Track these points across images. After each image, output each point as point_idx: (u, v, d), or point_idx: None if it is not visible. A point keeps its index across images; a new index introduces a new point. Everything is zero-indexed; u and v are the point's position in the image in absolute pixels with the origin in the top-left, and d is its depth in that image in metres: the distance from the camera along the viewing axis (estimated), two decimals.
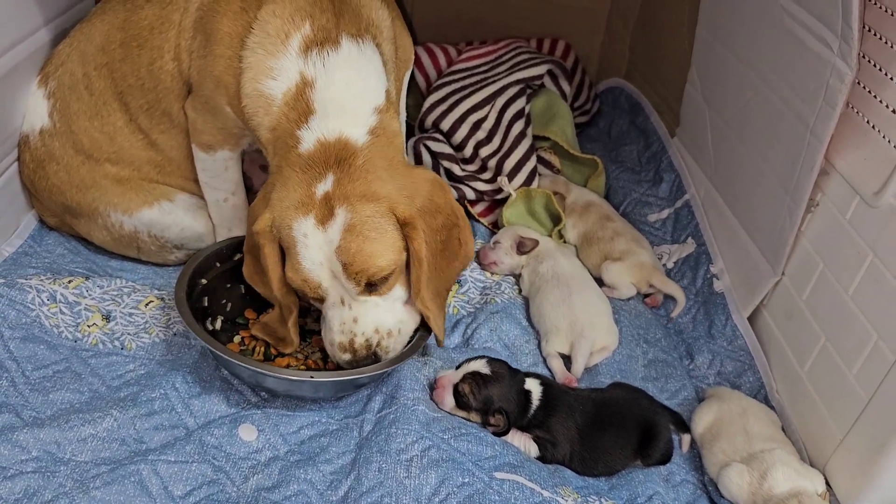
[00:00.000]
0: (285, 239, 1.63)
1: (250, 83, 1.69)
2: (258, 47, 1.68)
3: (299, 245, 1.61)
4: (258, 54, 1.68)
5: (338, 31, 1.69)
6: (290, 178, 1.63)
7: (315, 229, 1.59)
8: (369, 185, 1.61)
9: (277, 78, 1.68)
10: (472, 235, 1.81)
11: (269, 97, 1.68)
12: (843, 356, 1.66)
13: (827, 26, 1.68)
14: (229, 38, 1.72)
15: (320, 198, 1.60)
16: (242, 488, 1.51)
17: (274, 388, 1.67)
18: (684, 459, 1.77)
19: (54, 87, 1.97)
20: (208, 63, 1.75)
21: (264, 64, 1.68)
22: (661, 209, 2.45)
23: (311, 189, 1.60)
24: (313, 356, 1.84)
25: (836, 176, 1.74)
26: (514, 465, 1.59)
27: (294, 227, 1.61)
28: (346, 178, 1.61)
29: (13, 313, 1.75)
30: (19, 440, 1.50)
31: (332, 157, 1.62)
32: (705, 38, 2.35)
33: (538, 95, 2.71)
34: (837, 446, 1.63)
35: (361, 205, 1.60)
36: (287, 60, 1.67)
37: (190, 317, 1.65)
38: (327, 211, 1.59)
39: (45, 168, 1.99)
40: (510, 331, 2.00)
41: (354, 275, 1.61)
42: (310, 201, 1.60)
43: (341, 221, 1.59)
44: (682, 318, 2.14)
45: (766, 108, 1.96)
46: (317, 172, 1.62)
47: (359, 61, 1.71)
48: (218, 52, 1.73)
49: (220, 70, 1.73)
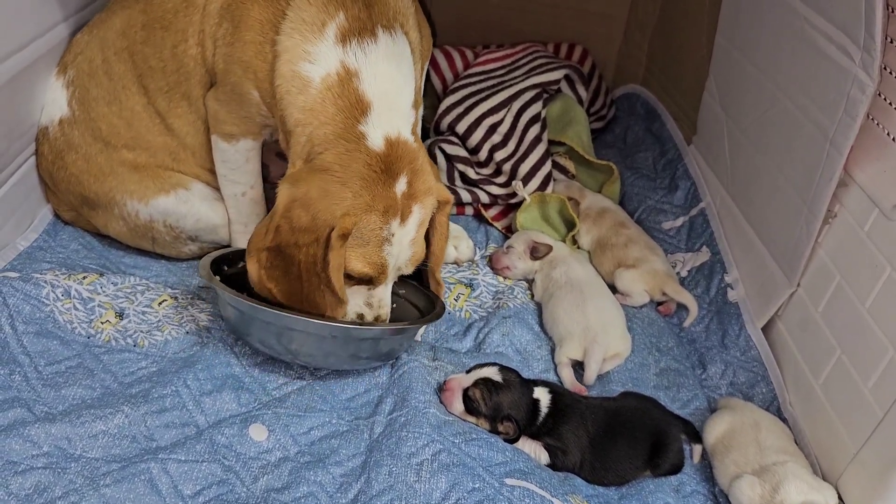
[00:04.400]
0: (364, 238, 1.68)
1: (286, 65, 1.70)
2: (294, 32, 1.70)
3: (385, 244, 1.70)
4: (294, 39, 1.70)
5: (372, 23, 1.71)
6: (369, 178, 1.66)
7: (399, 228, 1.70)
8: (426, 179, 1.74)
9: (315, 62, 1.69)
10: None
11: (306, 78, 1.69)
12: (859, 369, 1.64)
13: (849, 37, 1.67)
14: (260, 25, 1.73)
15: (401, 197, 1.69)
16: (252, 489, 1.51)
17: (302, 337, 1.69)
18: (695, 470, 1.76)
19: (73, 75, 1.98)
20: (236, 50, 1.76)
21: (301, 48, 1.69)
22: (675, 217, 2.43)
23: (393, 191, 1.68)
24: None
25: (855, 188, 1.73)
26: (525, 472, 1.58)
27: (384, 229, 1.69)
28: (415, 178, 1.71)
29: (28, 308, 1.76)
30: (31, 435, 1.50)
31: (402, 159, 1.70)
32: (724, 47, 2.34)
33: (554, 100, 2.70)
34: (851, 461, 1.62)
35: (427, 199, 1.75)
36: (325, 47, 1.69)
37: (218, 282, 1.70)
38: (407, 210, 1.70)
39: (64, 158, 1.99)
40: (522, 336, 2.00)
41: (413, 262, 1.77)
42: (394, 204, 1.68)
43: (417, 218, 1.73)
44: (696, 327, 2.13)
45: (784, 117, 1.95)
46: (393, 173, 1.68)
47: (396, 54, 1.74)
48: (248, 38, 1.74)
49: (251, 55, 1.74)
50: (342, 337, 1.68)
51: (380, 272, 1.72)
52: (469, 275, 2.20)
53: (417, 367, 1.76)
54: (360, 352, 1.73)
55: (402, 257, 1.74)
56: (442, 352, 1.88)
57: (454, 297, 2.13)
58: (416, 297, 1.97)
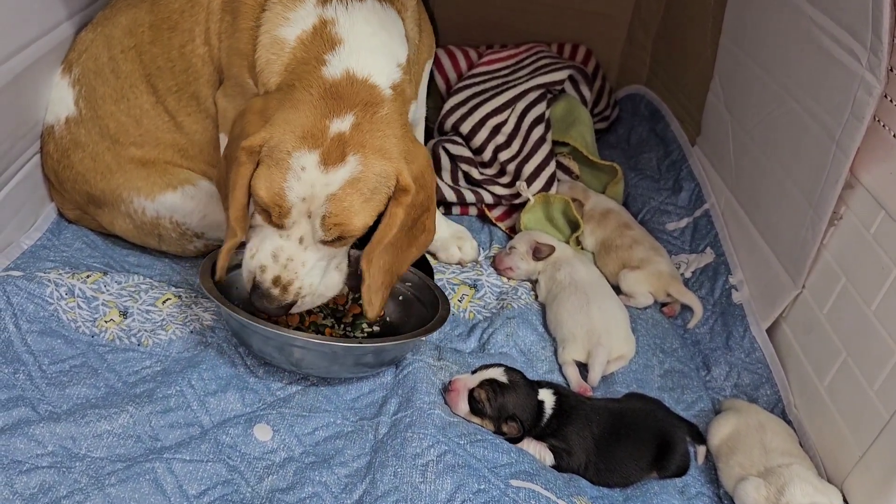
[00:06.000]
0: (274, 159, 1.52)
1: (265, 35, 1.66)
2: (277, 4, 1.67)
3: (290, 174, 1.51)
4: (276, 9, 1.67)
5: None
6: (303, 100, 1.53)
7: (316, 167, 1.50)
8: (386, 141, 1.55)
9: (293, 24, 1.64)
10: (435, 227, 1.77)
11: (283, 40, 1.64)
12: (864, 372, 1.64)
13: (856, 38, 1.67)
14: (251, 10, 1.71)
15: (333, 136, 1.51)
16: (257, 489, 1.51)
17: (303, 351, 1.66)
18: (700, 472, 1.75)
19: (79, 73, 1.98)
20: (235, 40, 1.75)
21: (281, 16, 1.66)
22: (680, 218, 2.43)
23: (325, 122, 1.51)
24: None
25: (861, 190, 1.72)
26: (531, 473, 1.58)
27: (293, 156, 1.50)
28: (368, 125, 1.53)
29: (31, 307, 1.76)
30: (35, 434, 1.50)
31: (358, 97, 1.54)
32: (729, 48, 2.33)
33: (558, 100, 2.70)
34: (856, 463, 1.62)
35: (374, 160, 1.53)
36: (304, 11, 1.65)
37: (217, 293, 1.67)
38: (338, 154, 1.51)
39: (70, 157, 1.99)
40: (526, 337, 1.99)
41: (331, 226, 1.54)
42: (321, 136, 1.50)
43: (348, 171, 1.52)
44: (700, 329, 2.12)
45: (790, 118, 1.95)
46: (336, 105, 1.52)
47: (382, 15, 1.68)
48: (242, 26, 1.73)
49: (243, 42, 1.73)
50: (342, 353, 1.66)
51: (277, 204, 1.53)
52: (473, 275, 2.20)
53: (422, 368, 1.76)
54: (363, 362, 1.71)
55: (313, 207, 1.53)
56: (447, 352, 1.88)
57: (458, 297, 2.13)
58: (422, 292, 1.93)
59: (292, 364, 1.69)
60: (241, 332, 1.70)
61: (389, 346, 1.69)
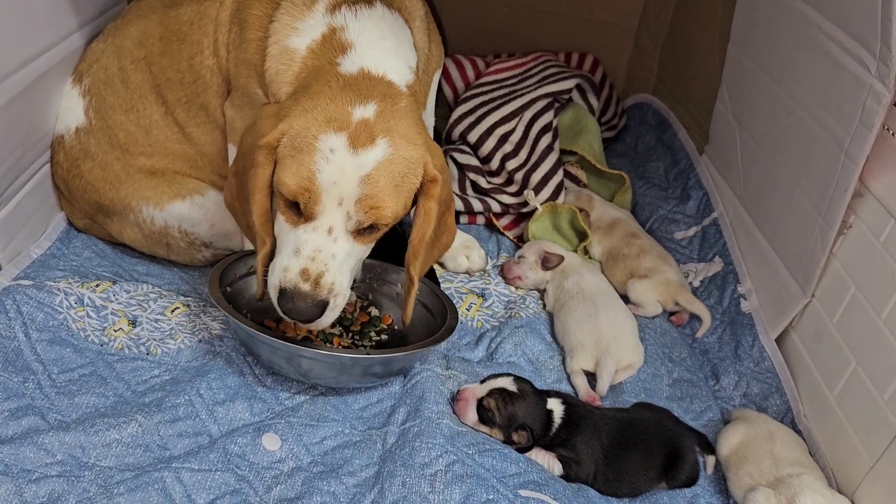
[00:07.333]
0: (298, 147, 1.47)
1: (274, 45, 1.68)
2: (285, 15, 1.69)
3: (318, 156, 1.45)
4: (284, 20, 1.69)
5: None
6: (322, 92, 1.50)
7: (346, 149, 1.46)
8: (410, 129, 1.53)
9: (302, 34, 1.66)
10: (455, 227, 1.76)
11: (293, 50, 1.66)
12: (875, 381, 1.63)
13: (865, 47, 1.66)
14: (259, 21, 1.73)
15: (358, 121, 1.47)
16: (265, 498, 1.51)
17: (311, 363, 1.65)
18: (709, 482, 1.74)
19: (89, 84, 1.99)
20: (243, 51, 1.77)
21: (289, 26, 1.68)
22: (688, 227, 2.43)
23: (348, 108, 1.48)
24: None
25: (871, 198, 1.72)
26: (539, 483, 1.57)
27: (320, 139, 1.46)
28: (391, 113, 1.50)
29: (41, 315, 1.76)
30: (44, 443, 1.50)
31: (376, 89, 1.52)
32: (737, 56, 2.33)
33: (566, 109, 2.70)
34: (867, 473, 1.61)
35: (403, 145, 1.50)
36: (313, 19, 1.66)
37: (227, 304, 1.68)
38: (366, 137, 1.47)
39: (80, 166, 2.00)
40: (534, 346, 1.99)
41: (368, 209, 1.48)
42: (345, 119, 1.47)
43: (380, 154, 1.47)
44: (708, 338, 2.12)
45: (799, 127, 1.95)
46: (357, 95, 1.50)
47: (391, 22, 1.70)
48: (250, 36, 1.74)
49: (251, 53, 1.74)
50: (351, 363, 1.66)
51: (306, 189, 1.46)
52: (481, 284, 2.20)
53: (430, 377, 1.76)
54: (371, 372, 1.71)
55: (346, 191, 1.46)
56: (455, 361, 1.88)
57: (466, 306, 2.13)
58: (430, 301, 1.92)
59: (301, 374, 1.69)
60: (249, 342, 1.70)
61: (398, 356, 1.69)
